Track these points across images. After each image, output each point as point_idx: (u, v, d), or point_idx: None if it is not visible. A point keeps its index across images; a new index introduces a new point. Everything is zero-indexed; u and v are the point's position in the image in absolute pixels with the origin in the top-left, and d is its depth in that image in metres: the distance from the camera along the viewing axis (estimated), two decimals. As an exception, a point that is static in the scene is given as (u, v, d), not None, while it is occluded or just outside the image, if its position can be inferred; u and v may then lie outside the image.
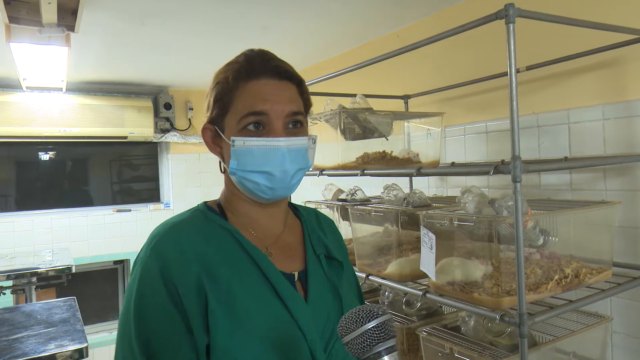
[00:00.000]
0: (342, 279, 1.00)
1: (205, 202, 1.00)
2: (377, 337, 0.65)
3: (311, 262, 0.97)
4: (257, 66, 0.93)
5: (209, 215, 0.95)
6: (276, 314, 0.87)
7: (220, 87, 0.94)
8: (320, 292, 0.94)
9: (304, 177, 1.00)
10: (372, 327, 0.65)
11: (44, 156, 4.15)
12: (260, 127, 0.91)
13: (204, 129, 0.98)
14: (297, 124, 0.95)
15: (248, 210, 0.97)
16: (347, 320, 0.67)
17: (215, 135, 0.97)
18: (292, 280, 0.93)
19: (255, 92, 0.91)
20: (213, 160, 0.98)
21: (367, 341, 0.65)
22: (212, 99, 0.96)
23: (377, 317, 0.66)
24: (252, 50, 0.97)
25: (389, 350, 0.65)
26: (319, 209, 2.05)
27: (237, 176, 0.93)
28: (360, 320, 0.66)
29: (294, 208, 1.10)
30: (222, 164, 0.99)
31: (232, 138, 0.91)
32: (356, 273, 1.72)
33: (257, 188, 0.92)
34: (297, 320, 0.87)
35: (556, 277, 1.29)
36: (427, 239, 1.36)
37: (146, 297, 0.84)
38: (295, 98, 0.96)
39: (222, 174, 1.00)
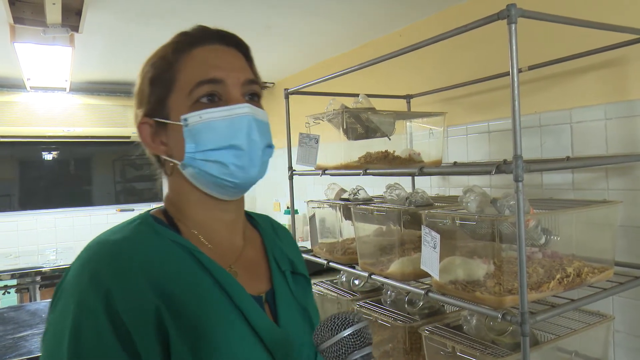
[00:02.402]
0: (308, 297, 0.89)
1: (150, 211, 0.82)
2: (352, 344, 0.64)
3: (277, 280, 0.84)
4: (198, 34, 0.81)
5: (158, 228, 0.76)
6: (251, 349, 0.72)
7: (158, 64, 0.80)
8: (290, 315, 0.81)
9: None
10: (348, 334, 0.64)
11: (48, 156, 4.17)
12: (215, 98, 0.77)
13: (140, 126, 0.80)
14: (254, 97, 0.82)
15: (204, 218, 0.81)
16: (323, 327, 0.66)
17: (157, 131, 0.80)
18: (260, 303, 0.79)
19: (203, 59, 0.78)
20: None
21: (342, 349, 0.64)
22: (147, 83, 0.80)
23: (352, 325, 0.65)
24: (184, 30, 0.84)
25: (365, 358, 0.64)
26: (322, 208, 2.07)
27: (196, 163, 0.77)
28: (335, 327, 0.65)
29: (249, 216, 0.95)
30: (166, 165, 0.82)
31: (183, 117, 0.76)
32: (359, 272, 1.74)
33: (224, 171, 0.76)
34: (274, 355, 0.74)
35: (558, 276, 1.30)
36: (430, 238, 1.36)
37: (86, 342, 0.64)
38: (247, 68, 0.83)
39: (171, 172, 0.82)
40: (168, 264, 0.72)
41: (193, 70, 0.77)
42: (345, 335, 0.64)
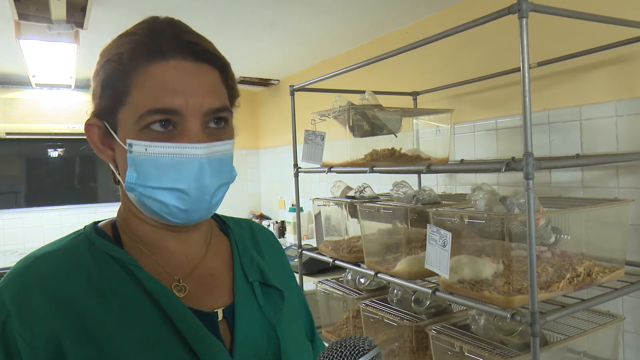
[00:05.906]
0: (281, 314, 0.78)
1: (96, 223, 0.76)
2: None
3: (241, 293, 0.76)
4: (163, 41, 0.69)
5: (96, 241, 0.71)
6: None
7: (112, 67, 0.70)
8: (251, 334, 0.73)
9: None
10: None
11: (53, 153, 4.18)
12: (169, 126, 0.67)
13: (88, 126, 0.73)
14: (220, 122, 0.71)
15: (151, 233, 0.74)
16: (328, 358, 0.58)
17: (106, 134, 0.71)
18: (213, 321, 0.71)
19: (161, 80, 0.67)
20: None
21: None
22: (99, 84, 0.72)
23: (363, 354, 0.57)
24: (156, 19, 0.73)
25: None
26: (328, 206, 2.06)
27: (136, 193, 0.69)
28: (344, 358, 0.57)
29: (222, 221, 0.88)
30: (114, 173, 0.75)
31: (128, 142, 0.67)
32: (365, 270, 1.72)
33: (164, 210, 0.69)
34: None
35: (568, 275, 1.28)
36: (438, 236, 1.35)
37: None
38: (218, 87, 0.72)
39: (122, 185, 0.74)
40: (95, 281, 0.66)
41: (147, 92, 0.67)
42: None
